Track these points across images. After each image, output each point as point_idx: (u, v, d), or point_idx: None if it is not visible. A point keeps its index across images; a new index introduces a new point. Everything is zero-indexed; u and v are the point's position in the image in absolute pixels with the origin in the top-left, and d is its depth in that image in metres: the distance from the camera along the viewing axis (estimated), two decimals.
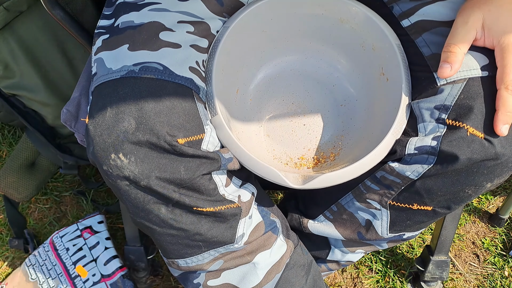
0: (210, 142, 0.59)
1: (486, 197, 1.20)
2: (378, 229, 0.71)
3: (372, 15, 0.65)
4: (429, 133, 0.60)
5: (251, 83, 0.75)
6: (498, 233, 1.15)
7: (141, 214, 0.61)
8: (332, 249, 0.82)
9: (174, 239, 0.65)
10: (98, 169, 0.58)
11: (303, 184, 0.61)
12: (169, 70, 0.57)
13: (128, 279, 0.99)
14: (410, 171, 0.61)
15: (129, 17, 0.62)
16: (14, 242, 1.11)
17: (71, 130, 0.72)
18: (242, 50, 0.70)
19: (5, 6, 0.92)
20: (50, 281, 1.00)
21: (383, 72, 0.68)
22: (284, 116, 0.75)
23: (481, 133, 0.56)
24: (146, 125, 0.54)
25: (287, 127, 0.75)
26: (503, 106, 0.54)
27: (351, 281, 1.08)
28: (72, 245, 1.03)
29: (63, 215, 1.19)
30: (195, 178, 0.58)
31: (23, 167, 1.15)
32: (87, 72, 0.75)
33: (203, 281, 0.72)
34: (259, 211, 0.73)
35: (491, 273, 1.09)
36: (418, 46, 0.62)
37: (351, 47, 0.72)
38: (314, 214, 0.78)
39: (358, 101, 0.74)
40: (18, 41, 0.97)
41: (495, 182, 0.60)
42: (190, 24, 0.63)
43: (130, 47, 0.59)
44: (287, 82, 0.76)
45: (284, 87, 0.76)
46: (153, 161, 0.56)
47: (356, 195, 0.70)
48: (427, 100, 0.60)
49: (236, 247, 0.68)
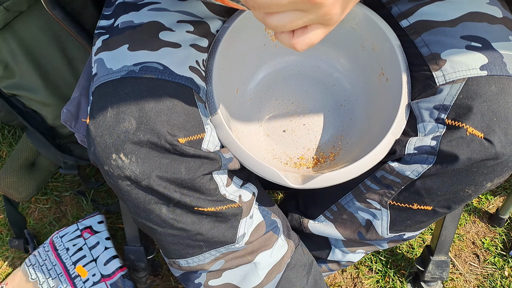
0: (211, 141, 0.60)
1: (486, 197, 1.21)
2: (378, 229, 0.71)
3: (372, 16, 0.65)
4: (429, 133, 0.60)
5: (251, 83, 0.75)
6: (498, 233, 1.15)
7: (142, 214, 0.61)
8: (333, 249, 0.82)
9: (175, 239, 0.65)
10: (99, 169, 0.58)
11: (303, 184, 0.61)
12: (169, 70, 0.57)
13: (128, 279, 0.99)
14: (410, 171, 0.61)
15: (129, 17, 0.62)
16: (14, 242, 1.11)
17: (71, 130, 0.72)
18: (242, 50, 0.70)
19: (5, 6, 0.92)
20: (50, 281, 1.00)
21: (383, 72, 0.68)
22: (284, 116, 0.75)
23: (481, 132, 0.56)
24: (147, 125, 0.54)
25: (286, 127, 0.75)
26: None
27: (351, 281, 1.08)
28: (72, 245, 1.03)
29: (63, 215, 1.19)
30: (196, 178, 0.58)
31: (23, 167, 1.15)
32: (87, 72, 0.75)
33: (204, 281, 0.72)
34: (260, 211, 0.73)
35: (491, 273, 1.09)
36: (417, 46, 0.62)
37: (351, 47, 0.72)
38: (314, 214, 0.78)
39: (358, 101, 0.74)
40: (18, 41, 0.97)
41: (495, 181, 0.60)
42: (189, 23, 0.63)
43: (130, 47, 0.59)
44: (287, 82, 0.76)
45: (284, 87, 0.76)
46: (154, 161, 0.56)
47: (356, 195, 0.70)
48: (427, 100, 0.60)
49: (237, 247, 0.69)
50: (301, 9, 0.40)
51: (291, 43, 0.44)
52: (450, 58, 0.59)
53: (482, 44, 0.58)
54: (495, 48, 0.58)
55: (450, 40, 0.60)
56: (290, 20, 0.41)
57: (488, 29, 0.60)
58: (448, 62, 0.59)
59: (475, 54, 0.58)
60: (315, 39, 0.43)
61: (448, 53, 0.59)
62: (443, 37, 0.60)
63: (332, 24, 0.42)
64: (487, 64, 0.57)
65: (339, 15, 0.41)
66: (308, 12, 0.40)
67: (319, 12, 0.40)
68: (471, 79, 0.57)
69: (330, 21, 0.42)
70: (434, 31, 0.62)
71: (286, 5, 0.39)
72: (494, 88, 0.56)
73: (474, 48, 0.58)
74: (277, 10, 0.40)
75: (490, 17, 0.61)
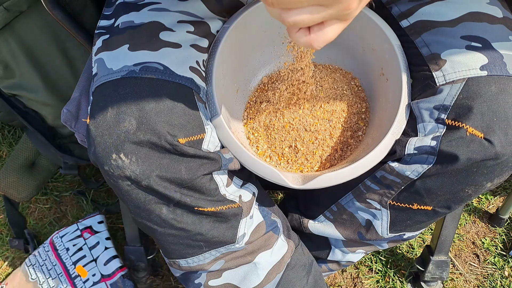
0: (211, 142, 0.60)
1: (486, 197, 1.21)
2: (378, 229, 0.71)
3: (372, 16, 0.65)
4: (429, 133, 0.60)
5: (251, 83, 0.75)
6: (498, 233, 1.15)
7: (143, 214, 0.61)
8: (333, 249, 0.82)
9: (175, 239, 0.65)
10: (100, 169, 0.58)
11: (303, 184, 0.61)
12: (169, 70, 0.57)
13: (128, 279, 0.99)
14: (410, 171, 0.61)
15: (129, 17, 0.62)
16: (14, 242, 1.11)
17: (71, 130, 0.72)
18: (242, 50, 0.70)
19: (5, 6, 0.91)
20: (50, 281, 1.00)
21: (382, 73, 0.68)
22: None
23: (481, 133, 0.56)
24: (147, 125, 0.54)
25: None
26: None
27: (351, 281, 1.08)
28: (72, 245, 1.03)
29: (63, 215, 1.19)
30: (196, 178, 0.58)
31: (23, 167, 1.14)
32: (87, 72, 0.75)
33: (204, 281, 0.72)
34: (260, 211, 0.73)
35: (491, 273, 1.09)
36: (417, 46, 0.62)
37: (351, 47, 0.72)
38: (314, 214, 0.78)
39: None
40: (18, 41, 0.97)
41: (495, 181, 0.60)
42: (190, 24, 0.63)
43: (130, 47, 0.59)
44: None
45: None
46: (154, 161, 0.56)
47: (356, 195, 0.70)
48: (427, 100, 0.60)
49: (237, 247, 0.69)
50: (321, 4, 0.39)
51: (308, 40, 0.42)
52: (450, 58, 0.59)
53: (482, 44, 0.58)
54: (495, 48, 0.58)
55: (450, 40, 0.60)
56: (309, 15, 0.39)
57: (488, 29, 0.60)
58: (448, 62, 0.59)
59: (475, 54, 0.58)
60: (332, 35, 0.42)
61: (448, 53, 0.59)
62: (443, 37, 0.60)
63: (349, 19, 0.42)
64: (487, 64, 0.57)
65: (356, 10, 0.41)
66: (328, 7, 0.39)
67: (339, 7, 0.39)
68: (471, 79, 0.57)
69: (348, 16, 0.41)
70: (434, 31, 0.62)
71: (307, 0, 0.38)
72: (494, 88, 0.56)
73: (474, 48, 0.58)
74: (296, 6, 0.39)
75: (490, 17, 0.61)
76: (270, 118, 0.71)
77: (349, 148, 0.70)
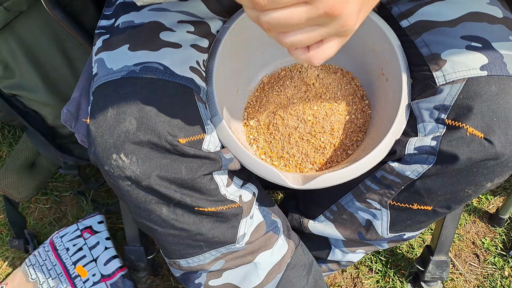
0: (211, 142, 0.60)
1: (486, 197, 1.21)
2: (378, 229, 0.71)
3: (372, 16, 0.65)
4: (429, 133, 0.60)
5: (252, 83, 0.75)
6: (498, 233, 1.15)
7: (143, 214, 0.61)
8: (333, 249, 0.82)
9: (176, 239, 0.65)
10: (100, 169, 0.58)
11: (303, 184, 0.61)
12: (169, 70, 0.57)
13: (128, 279, 0.99)
14: (410, 171, 0.61)
15: (129, 17, 0.62)
16: (14, 242, 1.11)
17: (71, 130, 0.72)
18: (242, 50, 0.70)
19: (5, 6, 0.91)
20: (50, 281, 1.00)
21: (383, 73, 0.68)
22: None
23: (481, 133, 0.56)
24: (147, 125, 0.54)
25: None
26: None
27: (351, 281, 1.08)
28: (72, 245, 1.03)
29: (63, 215, 1.19)
30: (196, 178, 0.58)
31: (23, 167, 1.14)
32: (87, 72, 0.75)
33: (204, 281, 0.72)
34: (260, 211, 0.73)
35: (491, 273, 1.09)
36: (418, 46, 0.62)
37: (351, 47, 0.72)
38: (314, 214, 0.78)
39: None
40: (18, 41, 0.97)
41: (495, 181, 0.60)
42: (190, 24, 0.63)
43: (130, 47, 0.59)
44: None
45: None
46: (155, 161, 0.56)
47: (356, 195, 0.70)
48: (427, 100, 0.60)
49: (238, 247, 0.69)
50: (318, 24, 0.39)
51: (307, 58, 0.42)
52: (450, 58, 0.59)
53: (482, 44, 0.58)
54: (495, 48, 0.58)
55: (450, 40, 0.60)
56: (307, 36, 0.40)
57: (488, 29, 0.60)
58: (448, 62, 0.59)
59: (475, 54, 0.58)
60: (331, 52, 0.42)
61: (448, 53, 0.59)
62: (443, 37, 0.60)
63: (348, 35, 0.42)
64: (487, 64, 0.57)
65: (355, 26, 0.41)
66: (325, 26, 0.39)
67: (336, 25, 0.39)
68: (471, 79, 0.57)
69: (346, 33, 0.41)
70: (434, 31, 0.62)
71: (304, 23, 0.38)
72: (494, 88, 0.56)
73: (474, 48, 0.58)
74: (294, 30, 0.39)
75: (490, 17, 0.61)
76: (270, 118, 0.71)
77: (349, 148, 0.70)
